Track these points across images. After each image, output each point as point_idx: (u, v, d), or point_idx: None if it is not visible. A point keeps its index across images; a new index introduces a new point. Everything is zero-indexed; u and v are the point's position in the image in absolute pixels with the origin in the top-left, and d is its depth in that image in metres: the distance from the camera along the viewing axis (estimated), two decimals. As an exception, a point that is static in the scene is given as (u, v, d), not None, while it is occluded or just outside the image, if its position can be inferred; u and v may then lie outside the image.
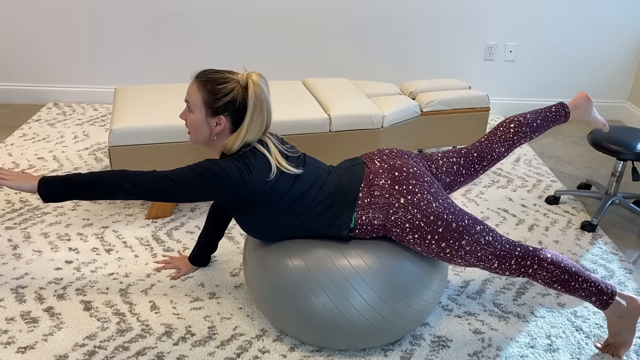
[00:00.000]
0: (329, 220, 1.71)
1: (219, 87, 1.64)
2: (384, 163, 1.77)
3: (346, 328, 1.68)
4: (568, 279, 1.74)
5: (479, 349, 1.85)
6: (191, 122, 1.70)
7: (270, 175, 1.64)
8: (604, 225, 2.66)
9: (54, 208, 2.54)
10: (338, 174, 1.78)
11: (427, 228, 1.67)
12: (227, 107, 1.65)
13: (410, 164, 1.77)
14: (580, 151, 3.51)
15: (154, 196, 1.62)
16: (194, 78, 1.69)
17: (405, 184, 1.70)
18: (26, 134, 3.31)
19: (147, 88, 2.76)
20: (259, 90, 1.64)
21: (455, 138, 3.02)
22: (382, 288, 1.66)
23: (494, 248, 1.72)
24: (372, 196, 1.70)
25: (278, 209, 1.69)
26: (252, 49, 3.73)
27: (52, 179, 1.65)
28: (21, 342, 1.78)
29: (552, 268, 1.73)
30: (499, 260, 1.73)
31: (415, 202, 1.67)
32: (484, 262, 1.74)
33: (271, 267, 1.73)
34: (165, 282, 2.09)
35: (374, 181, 1.72)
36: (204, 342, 1.81)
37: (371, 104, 2.70)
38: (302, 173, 1.72)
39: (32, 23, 3.60)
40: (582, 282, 1.75)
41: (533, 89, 3.96)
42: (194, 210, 2.59)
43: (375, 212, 1.69)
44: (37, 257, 2.20)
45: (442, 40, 3.77)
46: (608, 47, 3.84)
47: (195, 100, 1.67)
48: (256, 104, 1.64)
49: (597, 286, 1.75)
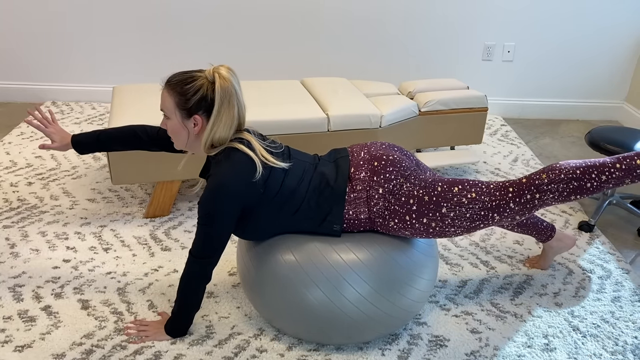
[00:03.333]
0: (321, 217, 1.71)
1: (187, 87, 1.61)
2: (367, 155, 1.76)
3: (342, 322, 1.68)
4: (579, 182, 1.62)
5: (476, 348, 1.85)
6: (170, 129, 1.68)
7: (256, 176, 1.62)
8: (602, 225, 2.67)
9: (51, 207, 2.54)
10: (325, 168, 1.76)
11: (402, 210, 1.68)
12: (200, 106, 1.62)
13: (391, 152, 1.76)
14: (578, 151, 3.52)
15: (214, 261, 1.69)
16: (163, 85, 1.66)
17: (382, 172, 1.70)
18: (24, 133, 3.30)
19: (145, 87, 2.76)
20: (226, 83, 1.59)
21: (454, 138, 3.02)
22: (375, 280, 1.67)
23: (482, 203, 1.65)
24: (355, 191, 1.71)
25: (274, 207, 1.68)
26: (250, 48, 3.73)
27: (172, 324, 1.81)
28: (18, 341, 1.78)
29: (555, 186, 1.62)
30: (497, 212, 1.65)
31: (390, 189, 1.69)
32: (482, 221, 1.67)
33: (264, 264, 1.73)
34: (163, 281, 2.09)
35: (356, 175, 1.72)
36: (202, 341, 1.81)
37: (369, 104, 2.70)
38: (291, 167, 1.71)
39: (30, 22, 3.59)
40: (600, 173, 1.61)
41: (531, 89, 3.96)
42: (192, 210, 2.59)
43: (360, 207, 1.70)
44: (34, 255, 2.20)
45: (440, 40, 3.78)
46: (606, 48, 3.84)
47: (168, 106, 1.65)
48: (223, 97, 1.59)
49: (625, 167, 1.62)
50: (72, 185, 2.74)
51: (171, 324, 1.80)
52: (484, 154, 3.36)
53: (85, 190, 2.71)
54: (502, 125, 3.83)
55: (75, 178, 2.81)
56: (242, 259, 1.83)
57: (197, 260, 1.66)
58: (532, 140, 3.63)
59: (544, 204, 1.65)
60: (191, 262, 1.68)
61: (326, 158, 1.83)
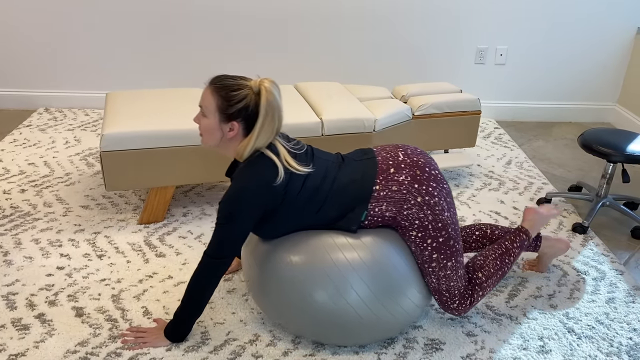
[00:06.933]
0: (341, 214, 1.74)
1: (233, 94, 1.65)
2: (407, 158, 1.78)
3: (346, 322, 1.70)
4: (503, 271, 1.94)
5: (472, 351, 1.85)
6: (204, 127, 1.72)
7: (277, 180, 1.65)
8: (595, 227, 2.68)
9: (45, 214, 2.52)
10: (351, 167, 1.79)
11: (432, 232, 1.74)
12: (240, 113, 1.66)
13: (433, 165, 1.80)
14: (571, 154, 3.53)
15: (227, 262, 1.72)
16: (208, 84, 1.70)
17: (425, 184, 1.74)
18: (17, 140, 3.29)
19: (138, 93, 2.76)
20: (271, 97, 1.65)
21: (447, 141, 3.03)
22: (376, 282, 1.68)
23: (460, 284, 1.83)
24: (389, 189, 1.73)
25: (296, 208, 1.71)
26: (243, 53, 3.73)
27: (173, 328, 1.80)
28: (12, 350, 1.76)
29: (492, 282, 1.91)
30: (459, 299, 1.85)
31: (432, 205, 1.73)
32: (447, 293, 1.83)
33: (269, 262, 1.76)
34: (157, 287, 2.08)
35: (394, 176, 1.74)
36: (197, 347, 1.81)
37: (363, 108, 2.71)
38: (312, 168, 1.74)
39: (22, 28, 3.58)
40: (510, 257, 1.97)
41: (524, 92, 3.98)
42: (187, 215, 2.58)
43: (390, 205, 1.73)
44: (28, 263, 2.19)
45: (433, 44, 3.79)
46: (598, 50, 3.87)
47: (209, 105, 1.68)
48: (268, 110, 1.65)
49: (520, 247, 2.00)
50: (66, 192, 2.73)
51: (172, 326, 1.80)
52: (477, 157, 3.37)
53: (78, 196, 2.70)
54: (496, 128, 3.84)
55: (69, 185, 2.80)
56: (247, 260, 1.86)
57: (212, 260, 1.69)
58: (526, 143, 3.65)
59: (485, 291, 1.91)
60: (204, 261, 1.70)
61: (352, 157, 1.85)
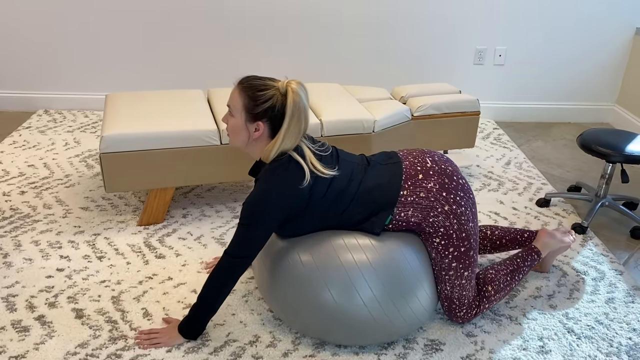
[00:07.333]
0: (366, 217, 1.75)
1: (260, 94, 1.66)
2: (435, 165, 1.79)
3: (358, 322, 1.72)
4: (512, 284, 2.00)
5: (471, 352, 1.85)
6: (231, 126, 1.74)
7: (303, 183, 1.66)
8: (595, 227, 2.68)
9: (45, 216, 2.53)
10: (376, 171, 1.79)
11: (455, 242, 1.76)
12: (266, 114, 1.67)
13: (460, 174, 1.82)
14: (570, 154, 3.54)
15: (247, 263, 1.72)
16: (236, 84, 1.72)
17: (454, 193, 1.75)
18: (16, 142, 3.29)
19: (137, 94, 2.76)
20: (298, 98, 1.66)
21: (446, 142, 3.03)
22: (386, 283, 1.70)
23: (470, 295, 1.88)
24: (417, 196, 1.74)
25: (321, 210, 1.73)
26: (243, 55, 3.73)
27: (187, 325, 1.81)
28: (12, 352, 1.76)
29: (499, 296, 1.95)
30: (466, 308, 1.90)
31: (458, 214, 1.75)
32: (457, 301, 1.87)
33: (280, 261, 1.78)
34: (157, 289, 2.08)
35: (422, 182, 1.75)
36: (197, 348, 1.81)
37: (362, 109, 2.71)
38: (338, 171, 1.74)
39: (21, 30, 3.58)
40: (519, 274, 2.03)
41: (523, 93, 3.99)
42: (186, 217, 2.58)
43: (416, 211, 1.75)
44: (27, 265, 2.19)
45: (432, 45, 3.80)
46: (597, 50, 3.88)
47: (236, 105, 1.70)
48: (294, 111, 1.66)
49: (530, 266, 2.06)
50: (65, 194, 2.73)
51: (187, 323, 1.80)
52: (476, 157, 3.37)
53: (78, 198, 2.70)
54: (495, 129, 3.84)
55: (69, 186, 2.80)
56: (258, 256, 1.89)
57: (231, 259, 1.70)
58: (525, 144, 3.65)
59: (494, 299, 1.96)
60: (224, 260, 1.72)
61: (377, 160, 1.85)
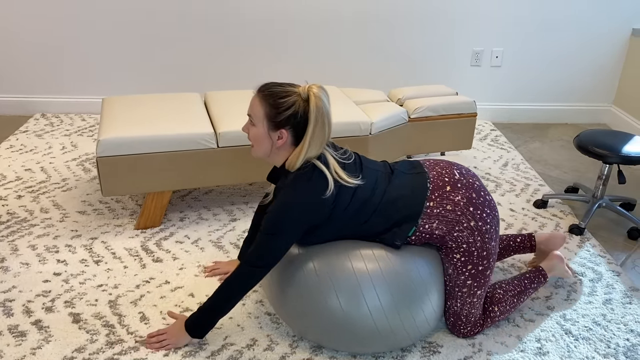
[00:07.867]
0: (388, 228, 1.72)
1: (281, 101, 1.62)
2: (462, 178, 1.76)
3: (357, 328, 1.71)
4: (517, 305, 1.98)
5: (469, 354, 1.85)
6: (253, 136, 1.69)
7: (326, 193, 1.63)
8: (592, 228, 2.68)
9: (41, 220, 2.52)
10: (400, 180, 1.76)
11: (475, 260, 1.74)
12: (289, 121, 1.63)
13: (487, 190, 1.80)
14: (567, 155, 3.54)
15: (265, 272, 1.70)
16: (256, 92, 1.68)
17: (480, 209, 1.73)
18: (13, 146, 3.29)
19: (134, 98, 2.76)
20: (320, 103, 1.61)
21: (444, 144, 3.03)
22: (394, 292, 1.69)
23: (478, 313, 1.87)
24: (443, 208, 1.71)
25: (343, 219, 1.70)
26: (241, 58, 3.74)
27: (195, 324, 1.78)
28: (9, 357, 1.76)
29: (503, 316, 1.94)
30: (471, 326, 1.89)
31: (483, 231, 1.73)
32: (464, 318, 1.86)
33: (290, 266, 1.77)
34: (154, 292, 2.08)
35: (450, 195, 1.72)
36: (194, 352, 1.80)
37: (359, 111, 2.71)
38: (362, 180, 1.71)
39: (19, 34, 3.58)
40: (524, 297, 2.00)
41: (519, 94, 3.99)
42: (183, 220, 2.58)
43: (441, 224, 1.71)
44: (24, 269, 2.18)
45: (428, 46, 3.80)
46: (593, 51, 3.88)
47: (257, 113, 1.66)
48: (317, 116, 1.61)
49: (536, 288, 2.04)
50: (62, 198, 2.73)
51: (195, 319, 1.77)
52: (474, 159, 3.37)
53: (75, 202, 2.69)
54: (492, 130, 3.85)
55: (65, 190, 2.80)
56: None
57: (249, 267, 1.67)
58: (522, 145, 3.66)
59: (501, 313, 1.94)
60: (242, 266, 1.69)
61: (401, 169, 1.81)
